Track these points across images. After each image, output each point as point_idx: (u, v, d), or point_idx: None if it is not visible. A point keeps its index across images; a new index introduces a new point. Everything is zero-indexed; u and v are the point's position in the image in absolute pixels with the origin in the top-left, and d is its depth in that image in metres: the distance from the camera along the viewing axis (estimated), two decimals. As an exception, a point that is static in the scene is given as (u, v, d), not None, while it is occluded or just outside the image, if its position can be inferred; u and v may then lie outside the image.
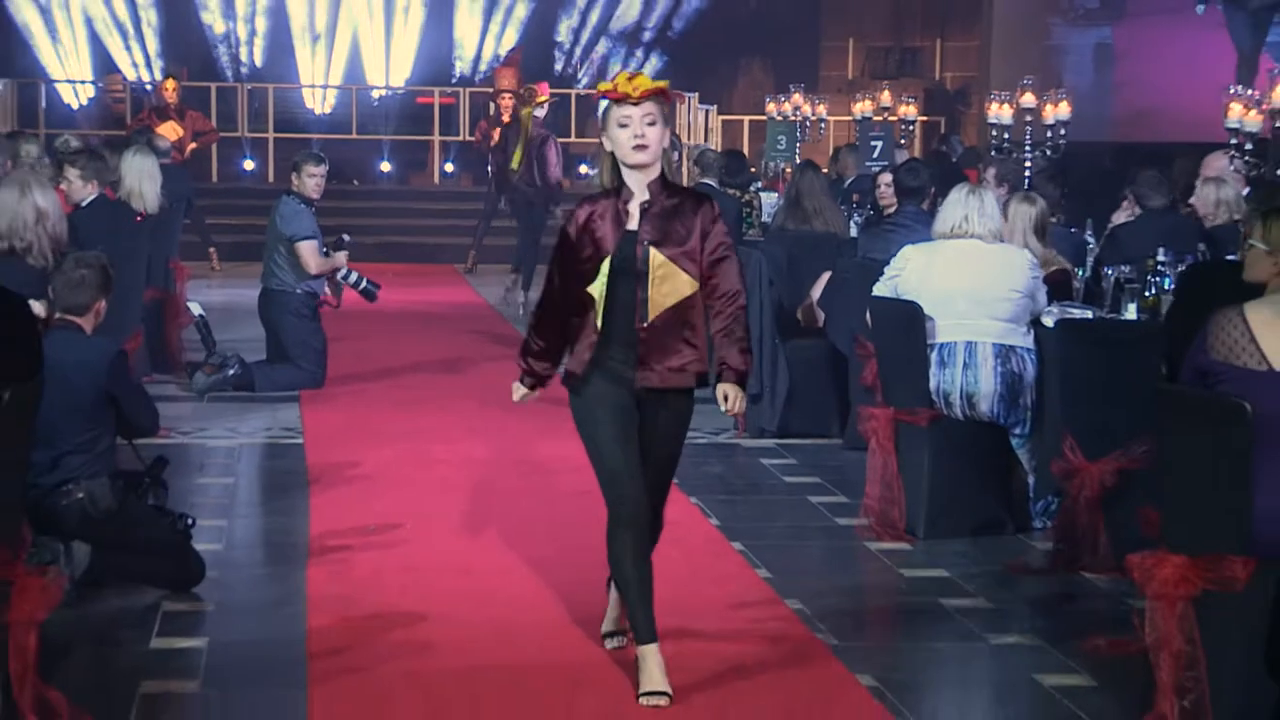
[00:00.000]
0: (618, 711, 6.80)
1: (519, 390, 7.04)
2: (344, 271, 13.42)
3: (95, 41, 25.35)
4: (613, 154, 6.67)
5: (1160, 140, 18.55)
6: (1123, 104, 23.02)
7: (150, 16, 25.74)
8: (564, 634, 7.97)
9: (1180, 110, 20.30)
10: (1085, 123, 20.79)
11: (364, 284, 13.68)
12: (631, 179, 6.64)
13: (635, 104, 6.56)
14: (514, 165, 20.13)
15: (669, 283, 6.68)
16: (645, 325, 6.73)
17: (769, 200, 14.16)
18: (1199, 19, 23.89)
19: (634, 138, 6.56)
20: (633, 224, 6.64)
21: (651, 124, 6.62)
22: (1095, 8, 23.73)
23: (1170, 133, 19.65)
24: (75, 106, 24.15)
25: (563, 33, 27.22)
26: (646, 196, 6.63)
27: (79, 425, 7.62)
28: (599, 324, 6.63)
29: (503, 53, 25.95)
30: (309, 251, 13.20)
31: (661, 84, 6.58)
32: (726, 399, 6.80)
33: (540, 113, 20.50)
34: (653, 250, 6.64)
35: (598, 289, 6.61)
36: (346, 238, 13.89)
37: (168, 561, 8.13)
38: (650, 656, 6.69)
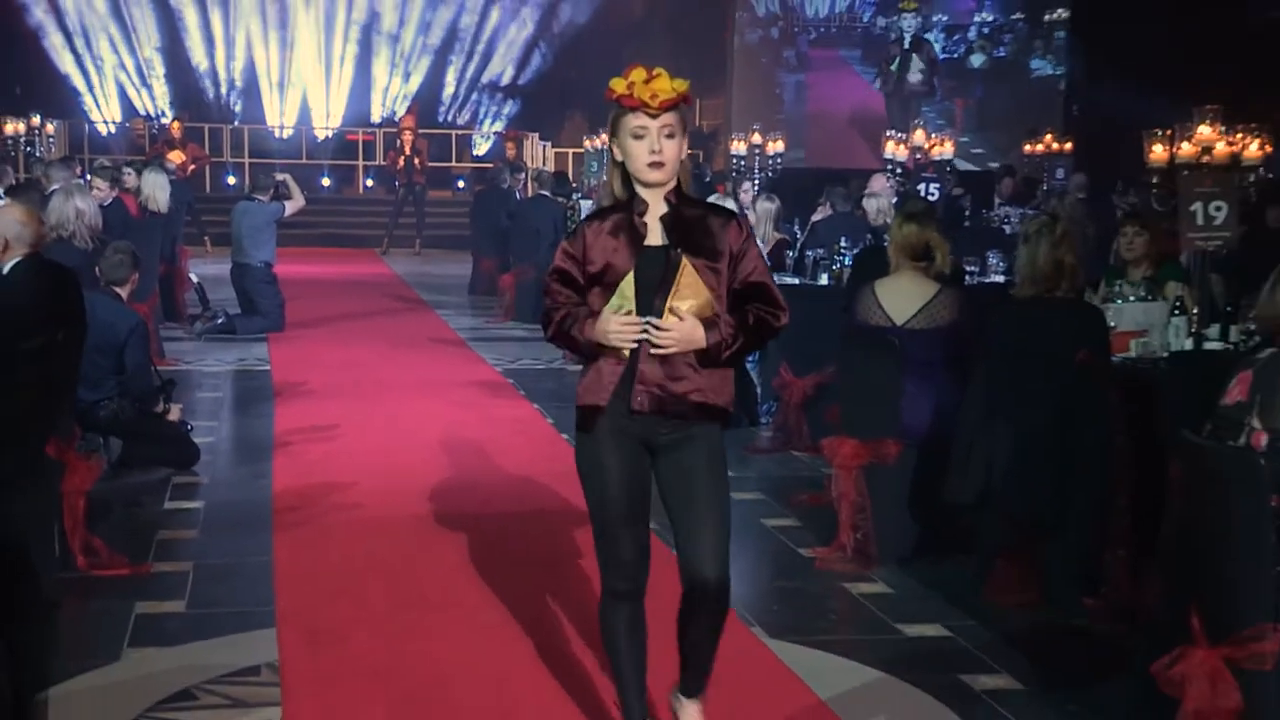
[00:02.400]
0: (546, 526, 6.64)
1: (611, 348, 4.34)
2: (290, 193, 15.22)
3: (121, 91, 24.65)
4: (623, 164, 4.40)
5: (843, 166, 18.65)
6: (815, 133, 22.67)
7: (159, 71, 27.11)
8: (473, 482, 8.30)
9: (853, 145, 20.42)
10: (795, 149, 21.09)
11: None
12: (647, 193, 4.38)
13: (653, 115, 4.30)
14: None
15: (693, 298, 4.31)
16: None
17: (586, 205, 14.18)
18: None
19: (650, 153, 4.32)
20: (654, 238, 4.36)
21: (670, 136, 4.34)
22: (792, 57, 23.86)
23: (852, 160, 19.81)
24: (106, 134, 23.19)
25: (449, 84, 26.10)
26: (665, 209, 4.38)
27: (111, 361, 8.32)
28: (626, 351, 4.28)
29: (401, 107, 26.69)
30: (289, 208, 14.85)
31: (683, 86, 4.37)
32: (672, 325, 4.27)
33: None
34: (685, 261, 4.32)
35: (623, 307, 4.30)
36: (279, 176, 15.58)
37: (174, 449, 8.71)
38: None
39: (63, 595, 6.13)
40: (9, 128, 19.55)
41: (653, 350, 4.22)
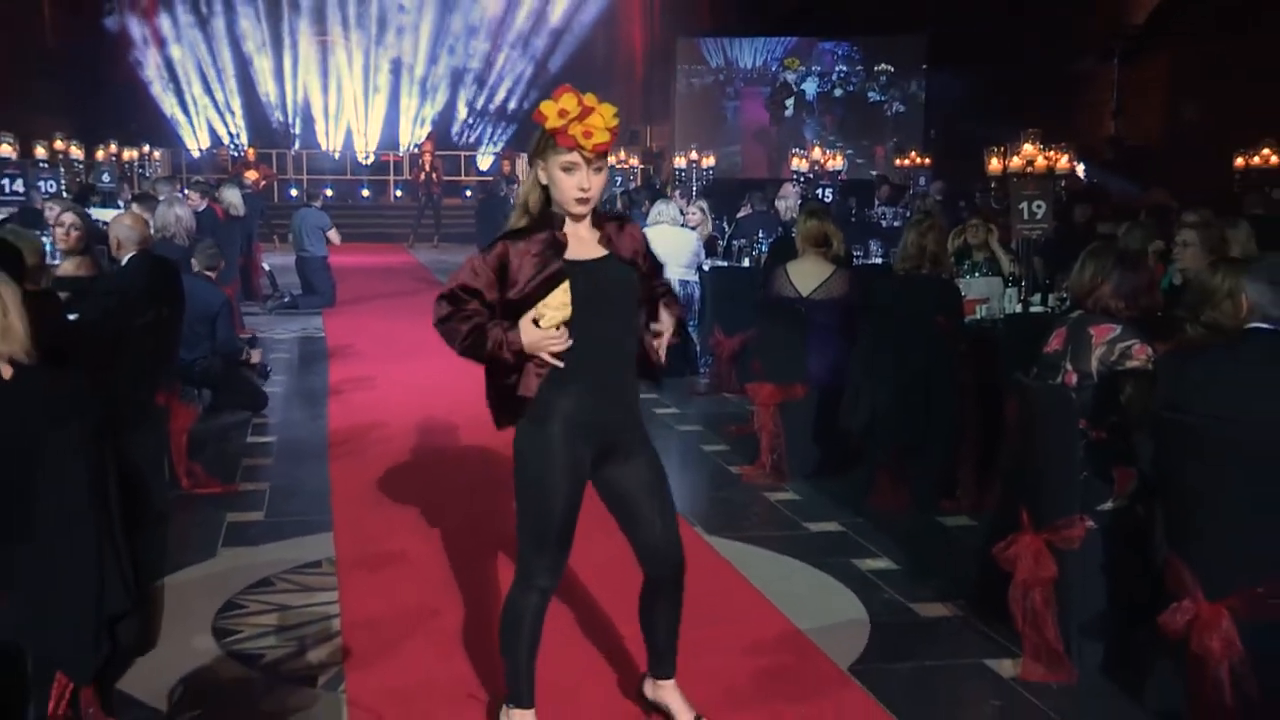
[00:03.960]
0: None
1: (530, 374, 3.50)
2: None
3: (209, 125, 24.45)
4: (544, 186, 3.45)
5: (762, 176, 18.71)
6: (745, 151, 23.07)
7: (238, 109, 27.59)
8: (480, 419, 7.57)
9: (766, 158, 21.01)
10: (727, 160, 21.32)
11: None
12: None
13: (586, 156, 3.37)
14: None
15: (640, 306, 3.59)
16: (618, 357, 3.53)
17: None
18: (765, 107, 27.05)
19: (580, 190, 3.40)
20: (579, 252, 3.44)
21: (598, 171, 3.42)
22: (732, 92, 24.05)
23: (768, 171, 19.90)
24: (198, 158, 23.22)
25: (461, 112, 27.63)
26: (589, 224, 3.48)
27: (205, 329, 8.38)
28: (565, 360, 3.41)
29: (423, 133, 27.05)
30: (335, 233, 14.60)
31: (614, 122, 3.37)
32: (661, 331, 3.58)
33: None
34: (633, 274, 3.54)
35: (560, 320, 3.38)
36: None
37: (251, 397, 8.78)
38: None
39: (172, 509, 6.08)
40: (126, 155, 19.54)
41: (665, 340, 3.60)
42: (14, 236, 5.94)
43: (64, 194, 11.82)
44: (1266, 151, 14.94)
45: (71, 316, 6.11)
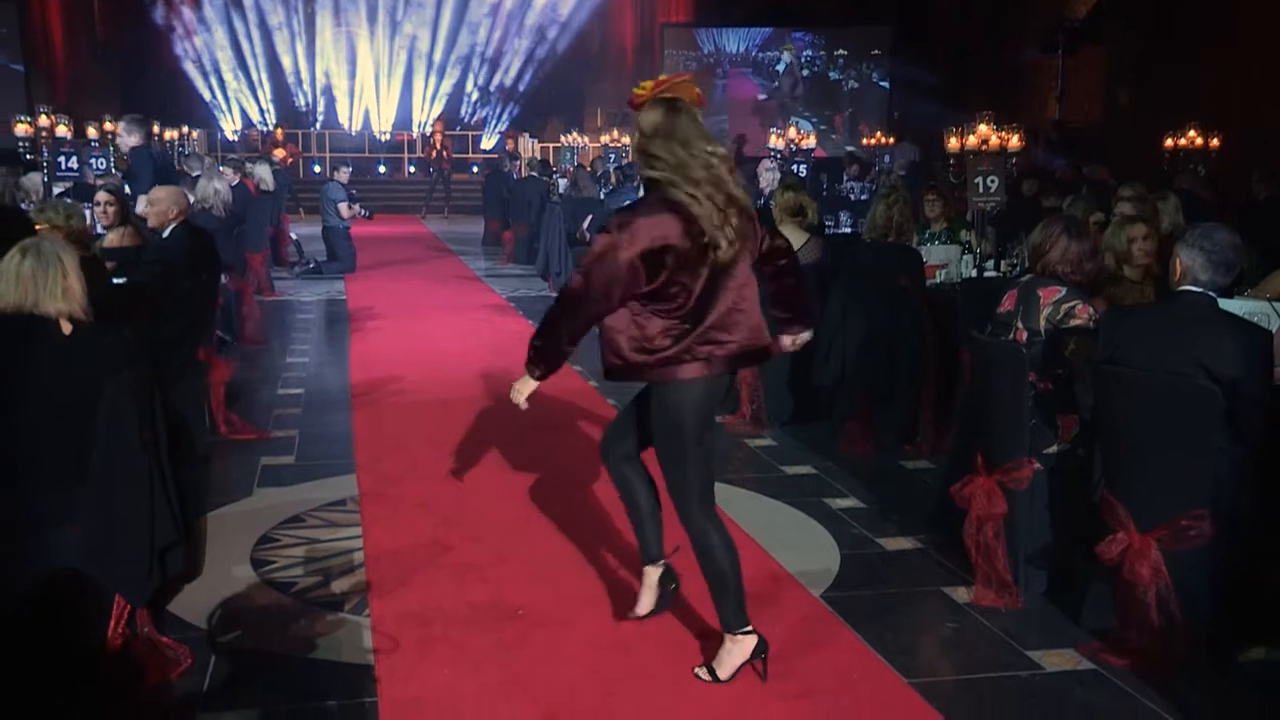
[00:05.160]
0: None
1: None
2: (355, 209, 14.31)
3: (241, 108, 24.16)
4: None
5: (743, 155, 18.67)
6: (731, 121, 23.27)
7: (267, 93, 27.05)
8: (487, 373, 8.22)
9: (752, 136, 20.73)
10: (715, 129, 21.36)
11: (363, 212, 14.73)
12: None
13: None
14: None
15: None
16: None
17: (563, 182, 13.89)
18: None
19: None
20: None
21: None
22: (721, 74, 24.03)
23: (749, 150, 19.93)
24: (231, 138, 22.90)
25: (470, 92, 27.19)
26: None
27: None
28: None
29: (434, 113, 26.14)
30: (344, 207, 14.16)
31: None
32: None
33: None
34: None
35: None
36: (356, 201, 14.97)
37: None
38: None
39: (212, 452, 6.14)
40: (167, 135, 19.57)
41: None
42: (65, 208, 5.95)
43: (113, 170, 11.76)
44: (1192, 134, 15.05)
45: (118, 281, 6.11)
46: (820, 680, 3.75)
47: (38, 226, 5.53)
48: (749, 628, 3.65)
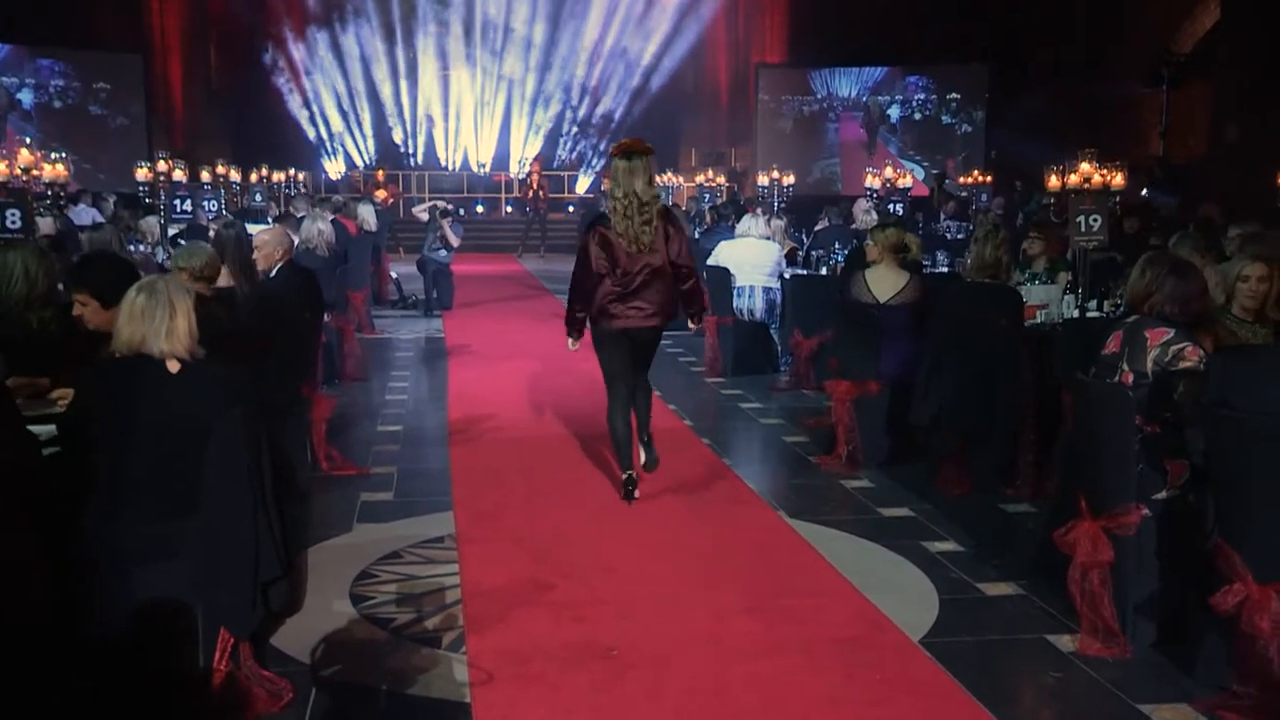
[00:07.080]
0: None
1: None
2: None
3: (344, 151, 24.72)
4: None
5: (839, 193, 18.41)
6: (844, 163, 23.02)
7: (369, 136, 27.67)
8: (583, 411, 8.20)
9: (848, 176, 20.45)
10: (806, 180, 20.97)
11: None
12: None
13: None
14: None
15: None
16: None
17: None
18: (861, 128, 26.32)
19: None
20: None
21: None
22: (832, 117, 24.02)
23: (845, 189, 19.58)
24: (335, 179, 23.56)
25: (566, 130, 28.10)
26: None
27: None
28: None
29: (532, 151, 27.23)
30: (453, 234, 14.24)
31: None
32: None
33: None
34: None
35: None
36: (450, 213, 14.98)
37: None
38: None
39: (313, 487, 6.22)
40: (275, 176, 20.14)
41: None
42: (199, 253, 5.72)
43: (223, 212, 12.09)
44: (1304, 169, 14.67)
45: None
46: (919, 729, 3.68)
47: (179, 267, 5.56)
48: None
